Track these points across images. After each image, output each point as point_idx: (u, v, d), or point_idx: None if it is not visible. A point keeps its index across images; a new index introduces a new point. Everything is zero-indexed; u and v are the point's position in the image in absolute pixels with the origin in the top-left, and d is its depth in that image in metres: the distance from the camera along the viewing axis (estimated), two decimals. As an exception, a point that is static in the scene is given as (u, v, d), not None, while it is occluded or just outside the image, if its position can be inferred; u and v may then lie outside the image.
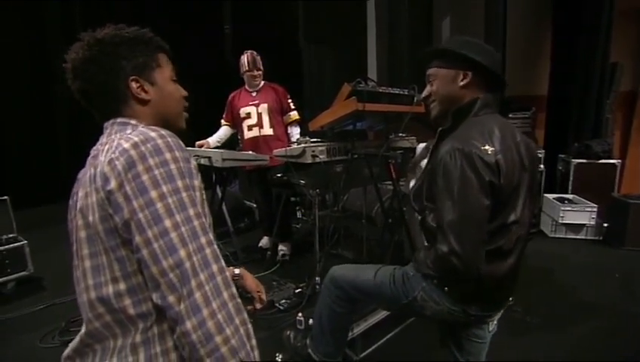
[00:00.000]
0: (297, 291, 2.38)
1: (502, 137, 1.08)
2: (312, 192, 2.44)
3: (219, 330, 0.65)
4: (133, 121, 0.79)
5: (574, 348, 1.93)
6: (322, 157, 2.22)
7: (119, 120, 0.79)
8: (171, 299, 0.64)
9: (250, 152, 2.84)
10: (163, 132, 0.71)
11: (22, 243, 2.65)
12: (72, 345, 0.76)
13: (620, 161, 3.65)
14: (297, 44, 5.50)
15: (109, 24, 0.80)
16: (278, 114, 3.01)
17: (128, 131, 0.75)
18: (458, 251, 1.01)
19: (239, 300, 0.70)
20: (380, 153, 2.28)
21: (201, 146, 2.92)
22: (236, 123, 3.08)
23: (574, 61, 4.04)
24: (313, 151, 2.19)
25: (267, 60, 3.01)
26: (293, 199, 3.76)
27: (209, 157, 2.52)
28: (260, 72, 2.97)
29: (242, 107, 3.00)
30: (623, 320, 2.16)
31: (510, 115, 4.64)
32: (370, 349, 1.89)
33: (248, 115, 2.99)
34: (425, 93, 1.24)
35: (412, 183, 2.49)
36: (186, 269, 0.64)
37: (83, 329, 0.75)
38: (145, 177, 0.66)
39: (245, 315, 0.70)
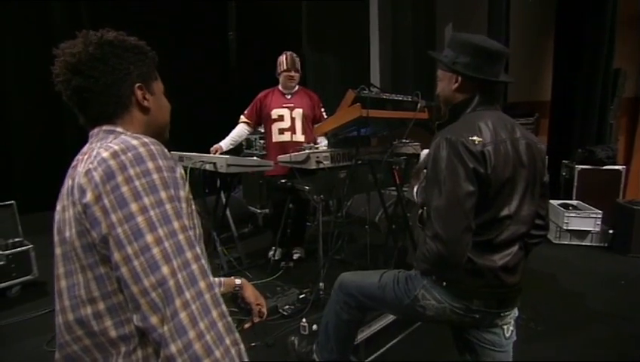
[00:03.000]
0: (301, 297, 2.37)
1: (495, 131, 1.10)
2: (316, 198, 2.45)
3: (207, 353, 0.59)
4: (119, 129, 0.75)
5: (579, 354, 1.92)
6: (326, 163, 2.23)
7: (105, 127, 0.75)
8: (154, 320, 0.59)
9: (255, 158, 2.85)
10: (146, 140, 0.66)
11: (27, 247, 2.67)
12: None
13: (624, 166, 3.63)
14: (301, 51, 5.54)
15: (108, 29, 0.77)
16: (310, 121, 2.93)
17: (109, 139, 0.70)
18: (442, 235, 1.03)
19: (230, 319, 0.65)
20: (384, 159, 2.29)
21: (216, 151, 2.84)
22: (264, 124, 2.97)
23: (577, 67, 4.05)
24: (317, 158, 2.20)
25: (271, 67, 3.02)
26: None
27: (214, 163, 2.54)
28: (298, 74, 2.88)
29: (275, 108, 2.88)
30: (629, 327, 2.14)
31: (513, 121, 4.63)
32: (374, 355, 1.88)
33: (280, 118, 2.88)
34: (437, 90, 1.30)
35: (416, 188, 2.50)
36: (169, 288, 0.59)
37: (57, 355, 0.70)
38: (124, 188, 0.61)
39: (237, 335, 0.65)
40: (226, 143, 2.95)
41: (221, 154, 2.86)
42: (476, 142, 1.06)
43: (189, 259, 0.63)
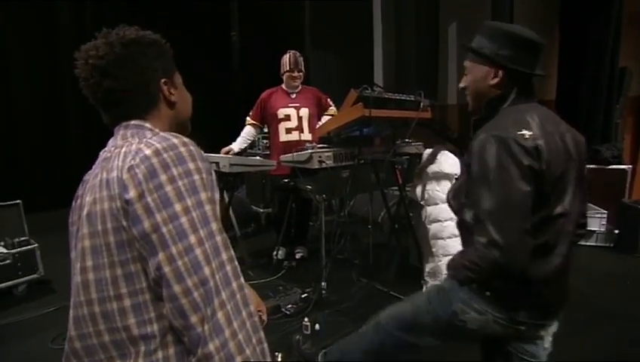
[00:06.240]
0: (304, 296, 2.38)
1: (541, 123, 1.02)
2: (318, 197, 2.45)
3: (239, 351, 0.62)
4: (147, 125, 0.75)
5: (585, 354, 1.90)
6: (329, 163, 2.23)
7: (133, 122, 0.74)
8: (194, 319, 0.60)
9: (257, 158, 2.86)
10: (185, 139, 0.67)
11: (33, 246, 2.69)
12: None
13: (630, 166, 3.60)
14: (304, 51, 5.55)
15: (123, 25, 0.77)
16: (315, 119, 2.96)
17: (148, 136, 0.70)
18: (498, 241, 0.92)
19: (256, 318, 0.68)
20: (387, 159, 2.29)
21: (226, 153, 2.84)
22: (270, 123, 2.98)
23: (582, 66, 4.01)
24: (320, 157, 2.21)
25: (274, 67, 3.02)
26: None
27: (217, 163, 2.55)
28: (301, 74, 2.89)
29: (281, 108, 2.88)
30: (635, 328, 2.13)
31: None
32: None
33: (287, 117, 2.88)
34: (461, 84, 1.20)
35: (419, 189, 2.50)
36: (210, 288, 0.61)
37: (77, 344, 0.68)
38: (168, 188, 0.62)
39: (262, 334, 0.68)
40: (238, 144, 2.95)
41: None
42: (527, 137, 0.97)
43: (225, 261, 0.65)
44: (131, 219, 0.62)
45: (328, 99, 3.05)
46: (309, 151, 2.25)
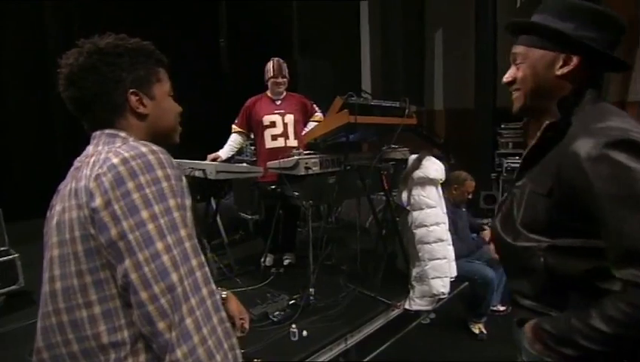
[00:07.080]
0: (291, 303, 2.37)
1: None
2: (305, 204, 2.45)
3: (209, 357, 0.62)
4: (122, 134, 0.75)
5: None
6: (315, 169, 2.24)
7: (107, 131, 0.75)
8: (161, 325, 0.60)
9: (244, 164, 2.85)
10: (154, 147, 0.67)
11: (13, 256, 2.62)
12: None
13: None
14: (292, 57, 5.58)
15: (109, 33, 0.77)
16: (300, 125, 2.97)
17: (117, 144, 0.71)
18: None
19: (228, 324, 0.68)
20: (372, 165, 2.31)
21: (214, 160, 2.84)
22: (255, 130, 2.99)
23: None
24: (306, 163, 2.21)
25: (263, 73, 3.02)
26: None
27: (203, 170, 2.54)
28: (285, 80, 2.91)
29: (266, 115, 2.89)
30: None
31: (502, 126, 4.73)
32: (366, 359, 1.89)
33: (272, 124, 2.89)
34: (507, 77, 0.90)
35: (404, 194, 2.52)
36: (177, 294, 0.61)
37: (45, 355, 0.68)
38: (135, 196, 0.62)
39: (234, 340, 0.68)
40: (225, 152, 2.95)
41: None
42: None
43: (194, 267, 0.65)
44: (98, 227, 0.62)
45: (314, 105, 3.07)
46: (296, 157, 2.26)
